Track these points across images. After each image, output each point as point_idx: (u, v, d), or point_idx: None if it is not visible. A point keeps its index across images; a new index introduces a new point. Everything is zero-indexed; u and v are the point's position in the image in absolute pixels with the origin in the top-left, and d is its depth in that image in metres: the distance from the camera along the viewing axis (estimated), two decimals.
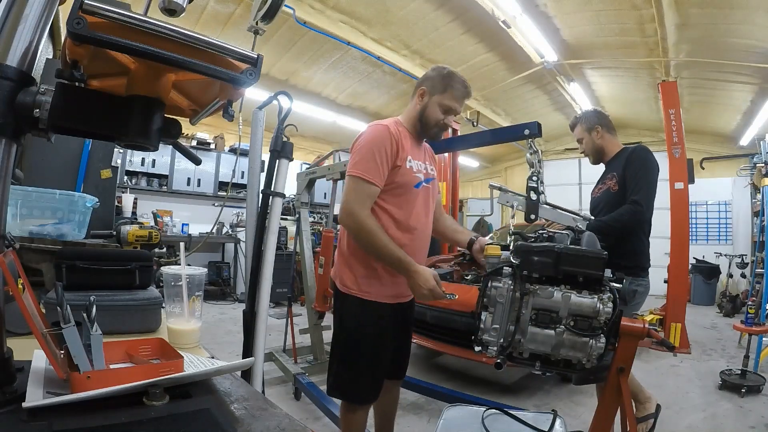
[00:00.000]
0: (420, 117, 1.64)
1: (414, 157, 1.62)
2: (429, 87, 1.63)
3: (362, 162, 1.51)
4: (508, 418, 1.36)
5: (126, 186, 6.15)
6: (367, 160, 1.50)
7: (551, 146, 10.31)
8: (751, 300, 4.18)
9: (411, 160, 1.59)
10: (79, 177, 2.33)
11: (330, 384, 1.64)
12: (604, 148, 2.28)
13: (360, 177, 1.49)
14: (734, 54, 5.35)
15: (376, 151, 1.50)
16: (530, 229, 3.70)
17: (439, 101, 1.61)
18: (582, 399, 3.00)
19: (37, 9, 0.59)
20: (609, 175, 2.22)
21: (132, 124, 0.66)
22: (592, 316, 1.34)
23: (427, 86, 1.63)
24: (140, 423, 0.55)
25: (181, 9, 0.78)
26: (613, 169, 2.21)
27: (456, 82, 1.61)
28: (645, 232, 2.13)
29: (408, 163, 1.58)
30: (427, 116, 1.62)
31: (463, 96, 1.63)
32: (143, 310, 1.11)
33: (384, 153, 1.50)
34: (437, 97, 1.61)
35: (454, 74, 1.62)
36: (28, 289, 0.67)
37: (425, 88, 1.64)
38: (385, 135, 1.53)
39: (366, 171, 1.49)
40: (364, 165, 1.50)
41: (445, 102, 1.60)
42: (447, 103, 1.61)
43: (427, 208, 1.68)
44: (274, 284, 1.60)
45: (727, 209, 8.05)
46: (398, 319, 1.65)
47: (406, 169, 1.57)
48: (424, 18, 5.32)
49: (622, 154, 2.22)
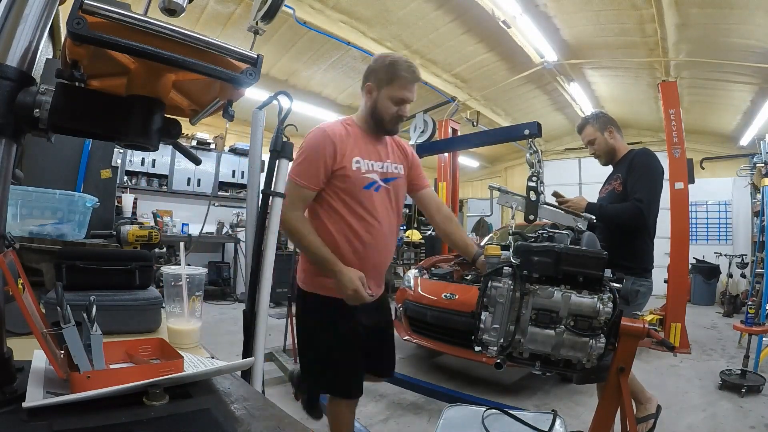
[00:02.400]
0: (372, 114, 1.59)
1: (365, 157, 1.57)
2: (374, 81, 1.57)
3: (297, 165, 1.53)
4: (508, 418, 1.36)
5: (126, 186, 6.15)
6: (302, 163, 1.52)
7: (551, 146, 10.32)
8: (751, 300, 4.18)
9: (359, 161, 1.55)
10: (79, 177, 2.33)
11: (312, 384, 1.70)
12: (616, 148, 2.29)
13: (293, 179, 1.51)
14: (734, 54, 5.35)
15: (312, 154, 1.51)
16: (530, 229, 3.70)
17: (389, 94, 1.55)
18: (582, 399, 3.00)
19: (37, 9, 0.59)
20: (615, 176, 2.24)
21: (132, 124, 0.66)
22: (592, 316, 1.34)
23: (372, 81, 1.57)
24: (140, 423, 0.55)
25: (181, 9, 0.78)
26: (619, 170, 2.23)
27: (401, 70, 1.53)
28: (650, 234, 2.15)
29: (354, 164, 1.53)
30: (380, 112, 1.57)
31: (411, 82, 1.56)
32: (143, 310, 1.10)
33: (320, 156, 1.49)
34: (385, 90, 1.55)
35: (397, 62, 1.55)
36: (28, 289, 0.67)
37: (371, 83, 1.57)
38: (323, 138, 1.52)
39: (299, 174, 1.51)
40: (298, 168, 1.52)
41: (394, 94, 1.54)
42: (396, 95, 1.54)
43: (391, 209, 1.64)
44: (274, 284, 1.60)
45: (727, 209, 8.05)
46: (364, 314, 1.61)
47: (352, 170, 1.53)
48: (424, 18, 5.32)
49: (628, 155, 2.24)
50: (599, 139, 2.29)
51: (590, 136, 2.31)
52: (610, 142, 2.28)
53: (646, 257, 2.13)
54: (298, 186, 1.51)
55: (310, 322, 1.64)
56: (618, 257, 1.84)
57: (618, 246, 1.92)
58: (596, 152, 2.33)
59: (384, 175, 1.61)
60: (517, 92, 7.52)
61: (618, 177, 2.19)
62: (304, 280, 1.64)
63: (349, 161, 1.53)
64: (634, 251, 2.08)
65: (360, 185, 1.55)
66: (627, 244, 2.05)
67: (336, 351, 1.57)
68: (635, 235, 2.08)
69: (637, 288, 2.06)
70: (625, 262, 1.97)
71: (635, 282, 2.04)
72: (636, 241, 2.09)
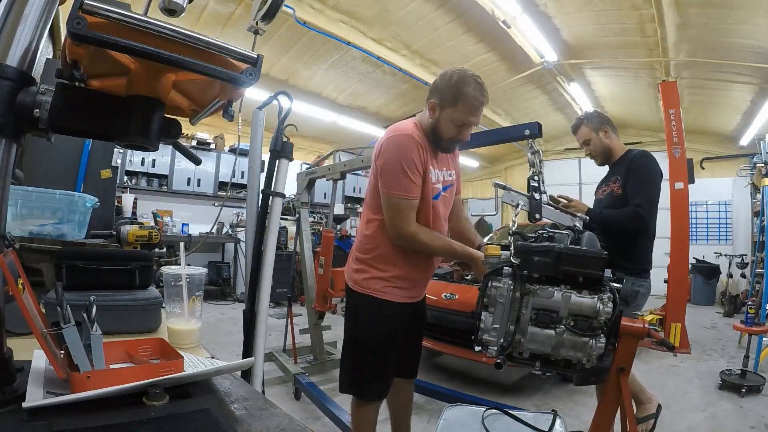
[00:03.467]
0: (433, 131, 1.53)
1: (435, 166, 1.55)
2: (438, 100, 1.48)
3: (397, 181, 1.45)
4: (508, 418, 1.36)
5: (126, 186, 6.15)
6: (401, 177, 1.44)
7: (551, 146, 10.31)
8: (751, 300, 4.18)
9: (433, 171, 1.53)
10: (79, 177, 2.33)
11: (342, 380, 1.68)
12: (612, 148, 2.27)
13: (402, 196, 1.46)
14: (734, 54, 5.35)
15: (406, 165, 1.44)
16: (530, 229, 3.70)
17: (451, 116, 1.46)
18: (582, 399, 3.00)
19: (37, 9, 0.59)
20: (613, 178, 2.22)
21: (132, 124, 0.66)
22: (592, 316, 1.34)
23: (437, 99, 1.49)
24: (140, 423, 0.55)
25: (181, 9, 0.78)
26: (617, 172, 2.21)
27: (468, 91, 1.43)
28: (649, 236, 2.14)
29: (431, 174, 1.52)
30: (440, 132, 1.50)
31: (478, 106, 1.47)
32: (143, 310, 1.10)
33: (413, 165, 1.45)
34: (448, 111, 1.46)
35: (464, 81, 1.44)
36: (28, 289, 0.67)
37: (434, 101, 1.49)
38: (412, 145, 1.45)
39: (405, 191, 1.45)
40: (400, 184, 1.45)
41: (457, 117, 1.46)
42: (459, 117, 1.46)
43: (444, 216, 1.66)
44: (274, 284, 1.60)
45: (727, 209, 8.04)
46: (410, 318, 1.67)
47: (429, 180, 1.51)
48: (424, 18, 5.32)
49: (626, 156, 2.22)
50: (594, 140, 2.27)
51: (585, 137, 2.29)
52: (605, 142, 2.25)
53: (645, 258, 2.13)
54: (408, 200, 1.47)
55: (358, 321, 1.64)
56: (617, 258, 1.85)
57: (617, 247, 1.92)
58: (592, 152, 2.30)
59: (444, 182, 1.61)
60: (517, 92, 7.52)
61: (617, 179, 2.17)
62: (358, 281, 1.63)
63: (428, 170, 1.50)
64: (633, 252, 2.08)
65: (430, 195, 1.54)
66: (626, 245, 2.05)
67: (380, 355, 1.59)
68: (634, 236, 2.09)
69: (637, 288, 2.06)
70: (624, 262, 1.98)
71: (635, 282, 2.05)
72: (635, 242, 2.09)
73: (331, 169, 3.12)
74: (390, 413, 1.92)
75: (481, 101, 1.47)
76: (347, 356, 1.67)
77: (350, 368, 1.65)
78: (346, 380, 1.66)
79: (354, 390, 1.66)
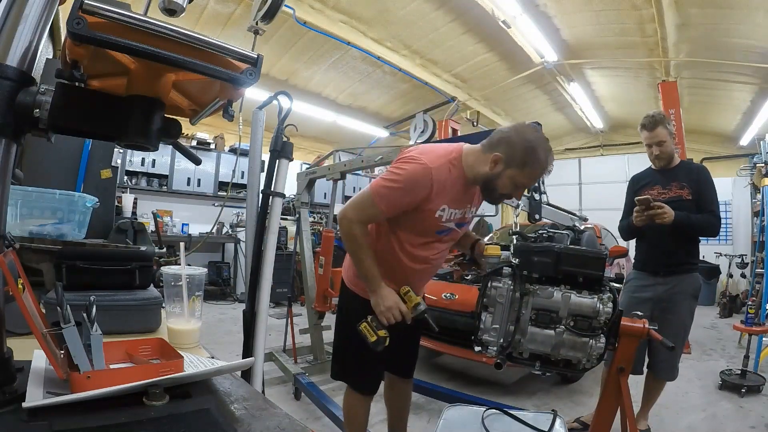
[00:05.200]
0: (486, 181, 1.47)
1: (451, 206, 1.48)
2: (506, 156, 1.41)
3: (386, 188, 1.43)
4: (508, 418, 1.36)
5: (126, 186, 6.14)
6: (393, 190, 1.42)
7: (551, 146, 10.30)
8: (751, 300, 4.18)
9: (445, 209, 1.47)
10: (79, 177, 2.32)
11: (332, 368, 1.78)
12: (674, 155, 2.37)
13: (374, 197, 1.43)
14: (734, 54, 5.35)
15: (405, 188, 1.41)
16: (530, 229, 3.70)
17: (513, 176, 1.42)
18: (582, 399, 3.00)
19: (37, 9, 0.59)
20: (675, 183, 2.28)
21: (132, 124, 0.66)
22: (592, 316, 1.34)
23: (504, 154, 1.41)
24: (140, 423, 0.55)
25: (181, 9, 0.78)
26: (680, 178, 2.28)
27: (538, 161, 1.41)
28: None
29: (439, 212, 1.46)
30: (497, 186, 1.45)
31: (542, 173, 1.47)
32: (143, 310, 1.10)
33: (411, 195, 1.42)
34: (512, 170, 1.41)
35: (538, 150, 1.41)
36: (28, 289, 0.67)
37: (501, 155, 1.41)
38: (424, 179, 1.40)
39: (383, 197, 1.43)
40: (386, 193, 1.43)
41: (519, 179, 1.43)
42: (521, 181, 1.43)
43: (447, 245, 1.64)
44: (274, 284, 1.60)
45: (727, 209, 8.03)
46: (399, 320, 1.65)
47: (434, 217, 1.47)
48: (424, 18, 5.32)
49: (688, 165, 2.39)
50: (669, 143, 2.31)
51: (662, 137, 2.29)
52: (673, 148, 2.35)
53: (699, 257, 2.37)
54: (375, 206, 1.44)
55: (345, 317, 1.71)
56: (688, 256, 2.25)
57: (687, 248, 2.24)
58: (661, 154, 2.31)
59: (461, 220, 1.57)
60: (517, 92, 7.52)
61: (684, 186, 2.25)
62: (350, 278, 1.70)
63: (436, 207, 1.46)
64: (695, 252, 2.30)
65: (434, 230, 1.52)
66: (693, 246, 2.29)
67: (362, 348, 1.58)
68: (697, 238, 2.29)
69: (701, 282, 2.31)
70: (692, 259, 2.27)
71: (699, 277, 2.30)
72: (696, 244, 2.30)
73: (331, 169, 3.12)
74: (387, 412, 1.95)
75: (548, 170, 1.47)
76: (336, 346, 1.79)
77: (339, 358, 1.77)
78: (335, 368, 1.78)
79: (344, 378, 1.76)
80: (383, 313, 1.46)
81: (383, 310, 1.46)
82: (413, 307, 1.45)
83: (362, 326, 1.46)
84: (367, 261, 1.49)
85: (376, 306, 1.49)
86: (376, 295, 1.49)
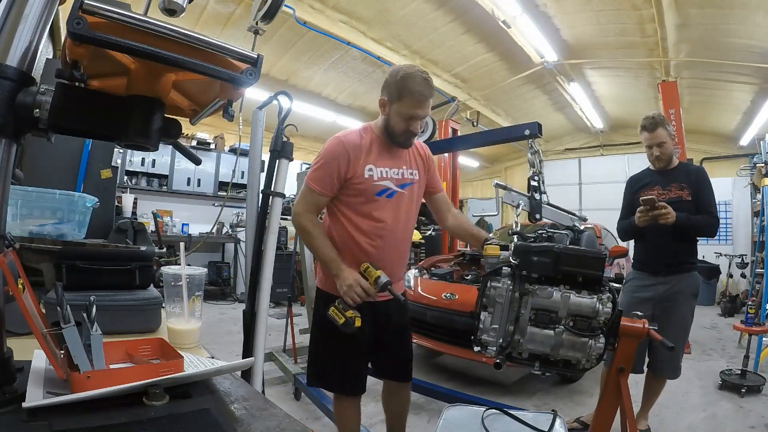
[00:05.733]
0: (385, 128, 1.59)
1: (380, 165, 1.58)
2: (387, 96, 1.56)
3: (313, 172, 1.56)
4: (508, 418, 1.36)
5: (126, 186, 6.14)
6: (317, 170, 1.55)
7: (551, 146, 10.31)
8: (751, 300, 4.18)
9: (372, 169, 1.56)
10: (79, 177, 2.32)
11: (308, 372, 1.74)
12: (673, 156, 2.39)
13: (308, 184, 1.56)
14: (734, 54, 5.35)
15: (327, 162, 1.53)
16: (530, 229, 3.70)
17: (399, 110, 1.53)
18: (582, 399, 3.00)
19: (37, 9, 0.59)
20: (675, 185, 2.30)
21: (132, 124, 0.66)
22: (592, 317, 1.34)
23: (385, 95, 1.56)
24: (140, 423, 0.55)
25: (181, 9, 0.78)
26: (679, 180, 2.30)
27: (412, 86, 1.50)
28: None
29: (367, 173, 1.55)
30: (392, 127, 1.57)
31: (422, 99, 1.52)
32: (143, 310, 1.10)
33: (333, 165, 1.53)
34: (395, 106, 1.53)
35: (409, 76, 1.50)
36: (28, 289, 0.67)
37: (384, 97, 1.57)
38: (337, 147, 1.54)
39: (314, 180, 1.55)
40: (313, 174, 1.55)
41: (404, 110, 1.52)
42: (406, 112, 1.52)
43: (404, 215, 1.65)
44: (274, 284, 1.61)
45: (727, 209, 8.02)
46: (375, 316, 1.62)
47: (364, 178, 1.55)
48: (424, 18, 5.32)
49: (685, 166, 2.40)
50: (669, 144, 2.33)
51: (662, 139, 2.30)
52: (672, 149, 2.36)
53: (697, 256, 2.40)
54: (312, 192, 1.55)
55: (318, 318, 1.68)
56: (688, 256, 2.27)
57: (687, 247, 2.27)
58: (661, 155, 2.33)
59: (400, 181, 1.62)
60: (517, 92, 7.52)
61: (683, 187, 2.27)
62: (321, 278, 1.70)
63: (362, 169, 1.54)
64: (694, 251, 2.32)
65: (372, 192, 1.57)
66: (692, 245, 2.31)
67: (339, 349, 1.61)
68: (696, 238, 2.31)
69: (700, 281, 2.34)
70: (692, 259, 2.29)
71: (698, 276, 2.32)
72: (695, 243, 2.32)
73: None
74: (385, 416, 1.92)
75: (426, 95, 1.53)
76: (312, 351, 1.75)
77: (311, 361, 1.73)
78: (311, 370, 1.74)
79: (319, 382, 1.73)
80: (346, 292, 1.48)
81: (345, 289, 1.48)
82: (374, 282, 1.46)
83: (330, 310, 1.47)
84: (322, 247, 1.55)
85: (339, 288, 1.50)
86: (338, 278, 1.52)
